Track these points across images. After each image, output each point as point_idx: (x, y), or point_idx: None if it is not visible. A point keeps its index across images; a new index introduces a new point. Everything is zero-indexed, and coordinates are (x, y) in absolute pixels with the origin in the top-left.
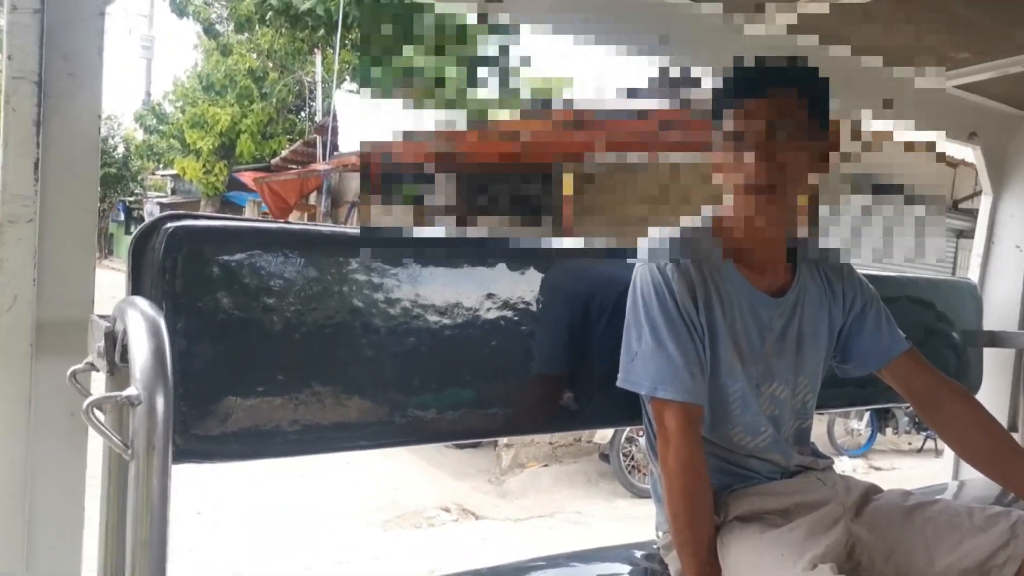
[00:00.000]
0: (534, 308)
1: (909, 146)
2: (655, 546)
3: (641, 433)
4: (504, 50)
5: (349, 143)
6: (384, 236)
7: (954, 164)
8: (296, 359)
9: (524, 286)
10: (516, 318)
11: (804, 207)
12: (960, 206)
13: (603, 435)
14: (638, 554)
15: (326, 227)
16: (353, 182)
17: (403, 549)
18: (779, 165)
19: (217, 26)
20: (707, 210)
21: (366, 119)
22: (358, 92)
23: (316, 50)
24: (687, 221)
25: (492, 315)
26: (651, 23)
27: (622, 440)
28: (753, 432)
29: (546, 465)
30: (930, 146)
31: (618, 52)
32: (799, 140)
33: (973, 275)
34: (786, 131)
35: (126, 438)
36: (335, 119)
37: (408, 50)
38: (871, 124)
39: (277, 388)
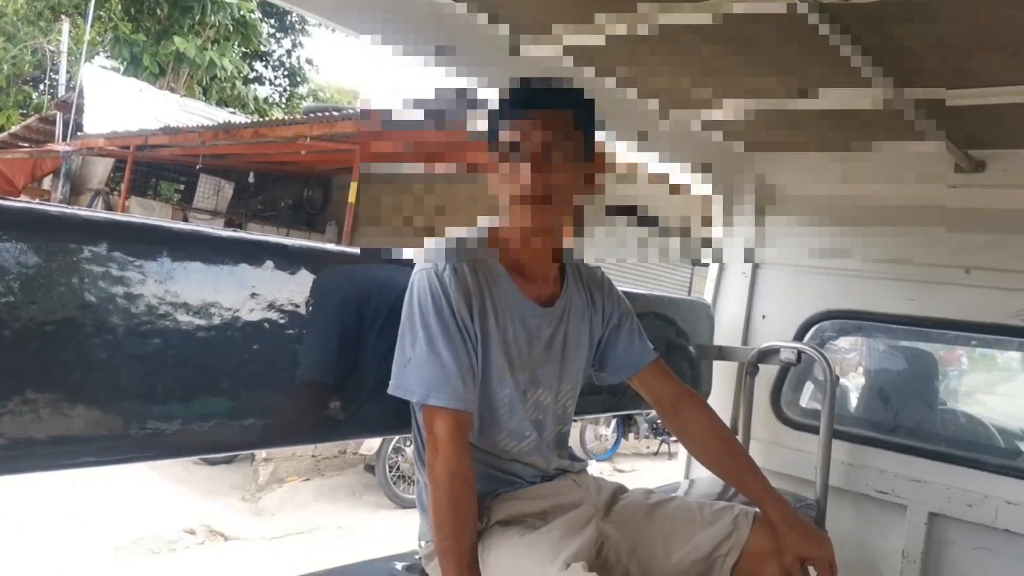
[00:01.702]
0: (303, 311)
1: (660, 180)
2: (416, 556)
3: (409, 443)
4: (289, 52)
5: (97, 124)
6: (128, 223)
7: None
8: (4, 361)
9: (293, 287)
10: (283, 321)
11: (572, 223)
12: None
13: (370, 446)
14: (399, 566)
15: (54, 207)
16: (98, 167)
17: None
18: (552, 178)
19: None
20: (484, 220)
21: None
22: (119, 69)
23: (64, 17)
24: (465, 231)
25: (255, 317)
26: (438, 32)
27: (389, 451)
28: (518, 437)
29: (307, 479)
30: (673, 179)
31: (405, 56)
32: (571, 157)
33: (708, 296)
34: (560, 147)
35: None
36: (81, 96)
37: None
38: (629, 155)
39: None
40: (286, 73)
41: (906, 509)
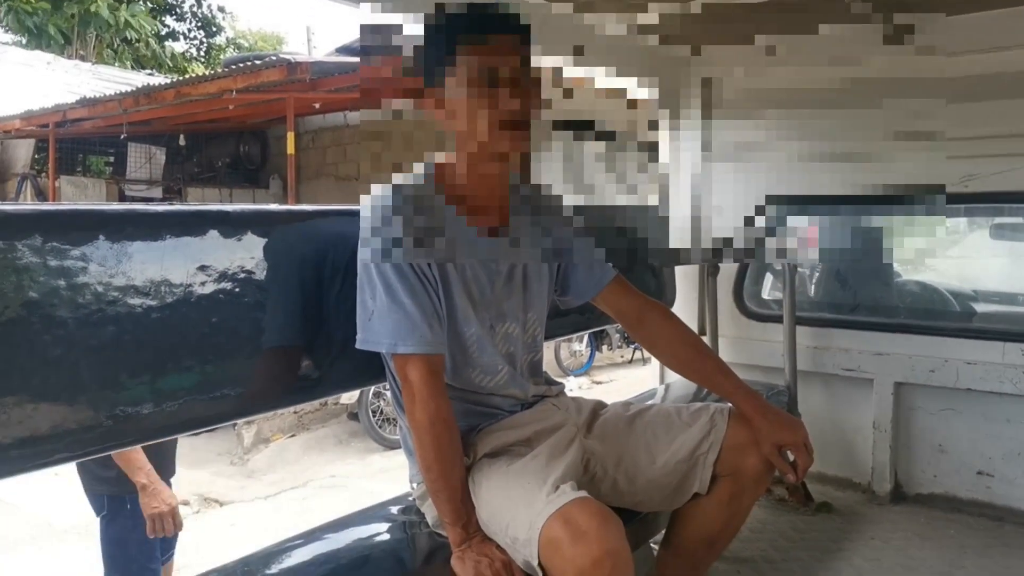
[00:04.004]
0: (258, 277)
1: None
2: (411, 497)
3: (388, 388)
4: (198, 2)
5: (8, 104)
6: (58, 211)
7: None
8: None
9: (243, 254)
10: (238, 290)
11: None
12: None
13: (351, 395)
14: (395, 510)
15: None
16: (20, 150)
17: None
18: (528, 102)
19: None
20: (428, 158)
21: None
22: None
23: None
24: (409, 172)
25: (208, 289)
26: None
27: (370, 396)
28: (492, 372)
29: (293, 435)
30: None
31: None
32: (532, 79)
33: (660, 201)
34: (526, 69)
35: None
36: None
37: None
38: (570, 70)
39: None
40: (199, 24)
41: (873, 382)
